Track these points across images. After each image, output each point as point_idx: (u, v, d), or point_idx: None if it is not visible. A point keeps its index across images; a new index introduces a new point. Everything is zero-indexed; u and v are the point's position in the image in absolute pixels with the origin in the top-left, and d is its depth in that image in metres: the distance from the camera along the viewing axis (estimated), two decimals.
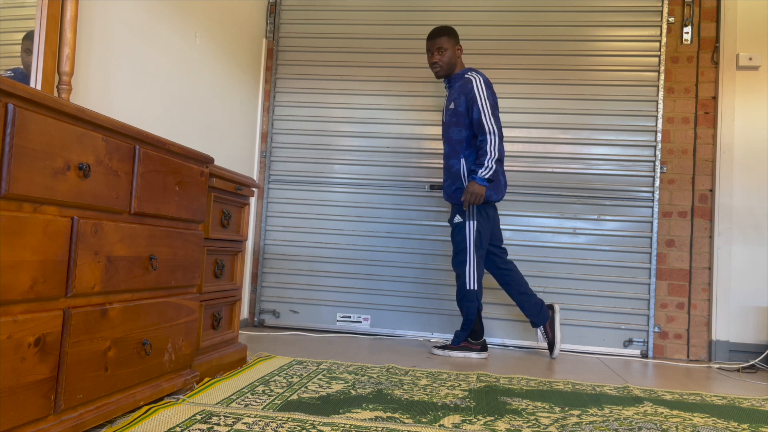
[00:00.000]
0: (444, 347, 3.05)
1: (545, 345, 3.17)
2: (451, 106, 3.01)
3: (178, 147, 1.75)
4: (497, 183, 2.97)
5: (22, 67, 1.83)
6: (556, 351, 3.08)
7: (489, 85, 2.96)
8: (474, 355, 3.01)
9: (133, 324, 1.57)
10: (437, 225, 3.63)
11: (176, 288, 1.81)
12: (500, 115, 3.60)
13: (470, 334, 3.05)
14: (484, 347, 3.04)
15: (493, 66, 3.61)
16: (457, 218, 3.00)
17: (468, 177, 2.97)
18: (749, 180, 3.42)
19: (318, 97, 3.79)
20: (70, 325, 1.32)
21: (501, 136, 2.91)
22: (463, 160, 2.98)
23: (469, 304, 2.98)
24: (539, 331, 3.12)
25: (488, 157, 2.87)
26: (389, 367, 2.49)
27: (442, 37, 3.05)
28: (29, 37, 1.84)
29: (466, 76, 2.99)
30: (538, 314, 3.05)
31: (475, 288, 2.96)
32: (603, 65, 3.56)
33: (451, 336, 3.54)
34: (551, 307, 3.10)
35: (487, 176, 2.87)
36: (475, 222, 2.96)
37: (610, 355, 3.38)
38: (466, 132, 2.97)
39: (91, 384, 1.40)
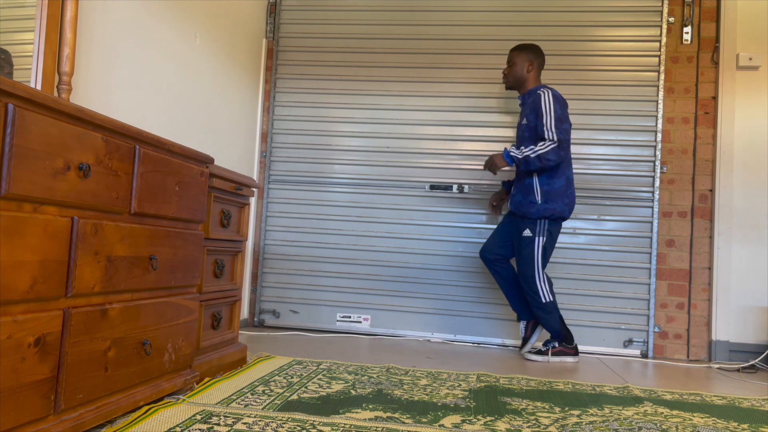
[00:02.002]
0: (540, 353, 3.05)
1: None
2: (524, 122, 3.07)
3: (178, 147, 1.75)
4: (571, 200, 3.01)
5: None
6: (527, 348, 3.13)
7: (558, 99, 2.97)
8: (570, 359, 3.05)
9: (133, 324, 1.57)
10: (437, 225, 3.63)
11: (176, 288, 1.81)
12: (501, 114, 3.62)
13: (564, 339, 3.06)
14: (576, 351, 3.08)
15: (493, 66, 3.61)
16: (527, 232, 3.01)
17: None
18: (749, 180, 3.42)
19: (318, 97, 3.79)
20: (70, 325, 1.32)
21: (563, 146, 2.90)
22: (535, 175, 3.00)
23: (550, 316, 3.01)
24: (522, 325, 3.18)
25: (532, 149, 2.91)
26: (389, 367, 2.49)
27: (514, 51, 3.15)
28: None
29: (537, 92, 3.02)
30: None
31: (551, 299, 3.00)
32: (603, 65, 3.56)
33: (450, 335, 3.55)
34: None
35: (516, 156, 2.93)
36: (544, 238, 3.00)
37: (610, 355, 3.38)
38: None
39: (91, 384, 1.40)
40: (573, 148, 3.54)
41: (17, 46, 1.83)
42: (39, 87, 1.83)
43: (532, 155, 2.89)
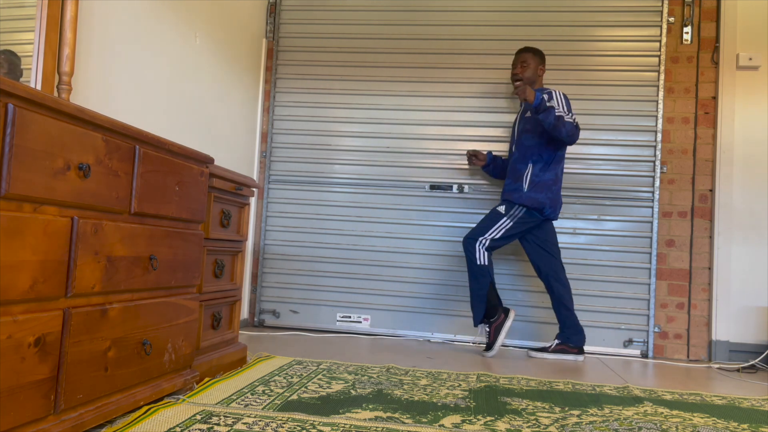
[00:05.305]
0: (488, 348, 3.03)
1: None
2: (527, 114, 3.14)
3: (178, 147, 1.75)
4: (554, 196, 3.07)
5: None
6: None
7: (567, 99, 3.02)
8: (504, 333, 3.01)
9: (133, 324, 1.57)
10: (437, 225, 3.63)
11: (176, 288, 1.81)
12: (502, 114, 3.63)
13: (487, 312, 3.03)
14: (505, 315, 3.04)
15: (493, 66, 3.61)
16: (501, 208, 3.09)
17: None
18: (749, 180, 3.42)
19: (318, 97, 3.79)
20: (70, 325, 1.32)
21: (577, 131, 2.95)
22: (530, 165, 3.09)
23: (481, 279, 3.02)
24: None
25: (560, 113, 2.90)
26: (389, 367, 2.49)
27: (527, 52, 3.20)
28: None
29: (548, 89, 3.05)
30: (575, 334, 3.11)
31: (485, 263, 3.02)
32: (603, 65, 3.56)
33: (450, 335, 3.54)
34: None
35: (543, 100, 2.91)
36: (512, 223, 3.06)
37: (610, 355, 3.38)
38: (537, 139, 3.08)
39: (91, 384, 1.40)
40: (572, 148, 3.54)
41: (17, 46, 1.83)
42: (39, 87, 1.83)
43: (556, 113, 2.91)
